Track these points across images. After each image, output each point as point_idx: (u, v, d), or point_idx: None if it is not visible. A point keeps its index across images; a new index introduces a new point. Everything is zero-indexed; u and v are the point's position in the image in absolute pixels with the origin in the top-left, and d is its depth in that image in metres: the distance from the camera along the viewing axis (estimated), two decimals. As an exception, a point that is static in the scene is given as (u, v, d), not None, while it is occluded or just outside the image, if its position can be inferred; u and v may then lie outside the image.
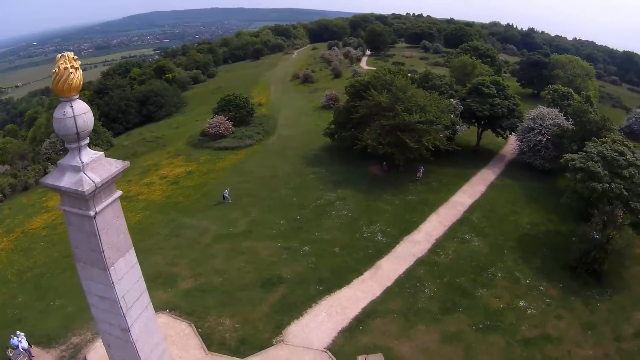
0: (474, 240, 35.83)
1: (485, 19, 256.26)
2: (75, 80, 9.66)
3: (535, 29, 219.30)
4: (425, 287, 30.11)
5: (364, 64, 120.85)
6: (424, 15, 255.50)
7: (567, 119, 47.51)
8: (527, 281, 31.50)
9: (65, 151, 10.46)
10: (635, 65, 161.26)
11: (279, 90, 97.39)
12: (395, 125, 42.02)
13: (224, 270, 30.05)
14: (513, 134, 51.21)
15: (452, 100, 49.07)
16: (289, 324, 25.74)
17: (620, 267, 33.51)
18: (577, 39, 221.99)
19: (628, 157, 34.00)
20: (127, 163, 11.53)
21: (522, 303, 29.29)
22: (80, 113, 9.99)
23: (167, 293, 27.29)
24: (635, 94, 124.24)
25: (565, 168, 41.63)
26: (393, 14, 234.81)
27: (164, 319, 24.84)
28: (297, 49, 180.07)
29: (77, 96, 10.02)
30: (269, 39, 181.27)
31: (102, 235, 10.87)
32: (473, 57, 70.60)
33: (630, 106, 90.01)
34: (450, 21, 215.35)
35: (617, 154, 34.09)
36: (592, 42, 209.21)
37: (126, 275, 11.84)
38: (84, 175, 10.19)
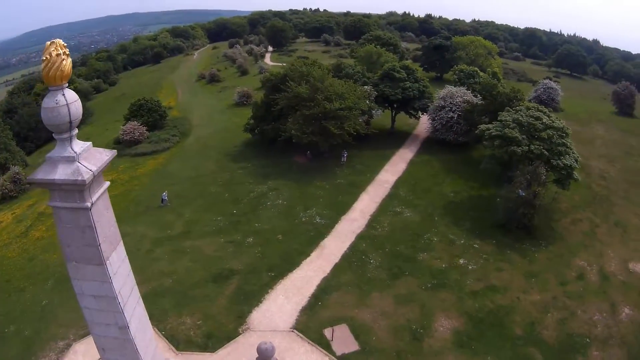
0: (405, 212, 38.01)
1: (382, 10, 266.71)
2: (67, 67, 9.29)
3: (433, 15, 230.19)
4: (370, 258, 31.58)
5: (268, 60, 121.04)
6: (321, 9, 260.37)
7: (476, 96, 51.55)
8: (462, 241, 34.20)
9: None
10: (538, 40, 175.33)
11: (187, 91, 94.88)
12: (318, 114, 43.16)
13: (171, 272, 29.24)
14: (425, 114, 54.53)
15: (365, 87, 51.09)
16: (250, 312, 25.78)
17: (550, 220, 37.56)
18: (477, 20, 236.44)
19: (544, 120, 37.68)
20: (114, 151, 11.17)
21: (461, 261, 31.85)
22: (72, 101, 9.59)
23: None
24: (540, 67, 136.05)
25: (479, 139, 45.46)
26: (291, 10, 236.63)
27: (124, 328, 23.88)
28: (198, 49, 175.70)
29: (67, 84, 9.63)
30: (168, 41, 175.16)
31: (97, 227, 10.47)
32: (377, 47, 73.55)
33: (536, 79, 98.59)
34: (348, 14, 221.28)
35: (533, 119, 37.61)
36: (492, 22, 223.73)
37: (119, 269, 11.44)
38: (80, 164, 9.74)
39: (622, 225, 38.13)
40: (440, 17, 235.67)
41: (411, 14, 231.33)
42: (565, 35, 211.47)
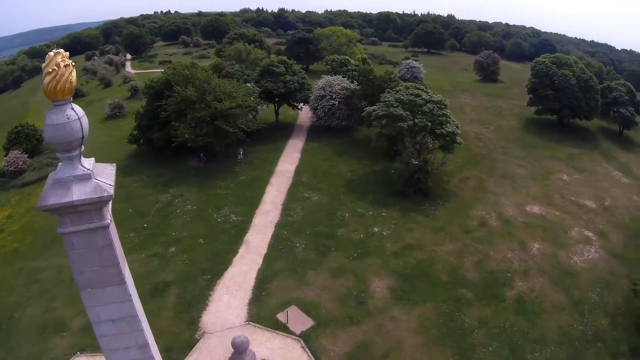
0: (313, 196, 39.31)
1: (234, 8, 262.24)
2: (74, 78, 8.32)
3: (286, 9, 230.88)
4: (295, 243, 32.41)
5: (129, 68, 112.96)
6: (172, 11, 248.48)
7: (352, 82, 54.27)
8: (370, 213, 36.56)
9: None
10: (393, 23, 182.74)
11: None
12: (210, 115, 42.25)
13: (104, 296, 26.86)
14: (306, 104, 56.13)
15: (248, 84, 50.99)
16: (199, 317, 25.04)
17: (442, 182, 41.80)
18: (329, 10, 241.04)
19: (424, 96, 41.22)
20: (114, 164, 10.23)
21: (375, 229, 34.17)
22: (82, 114, 8.65)
23: (64, 338, 23.43)
24: (397, 49, 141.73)
25: (362, 122, 48.32)
26: (142, 15, 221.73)
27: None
28: None
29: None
30: (26, 63, 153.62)
31: (115, 244, 9.59)
32: (245, 44, 73.05)
33: (396, 60, 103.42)
34: (201, 14, 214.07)
35: (413, 96, 40.92)
36: (345, 10, 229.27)
37: (131, 284, 10.57)
38: (98, 181, 8.81)
39: (509, 177, 44.14)
40: (293, 11, 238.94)
41: (265, 10, 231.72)
42: (419, 15, 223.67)
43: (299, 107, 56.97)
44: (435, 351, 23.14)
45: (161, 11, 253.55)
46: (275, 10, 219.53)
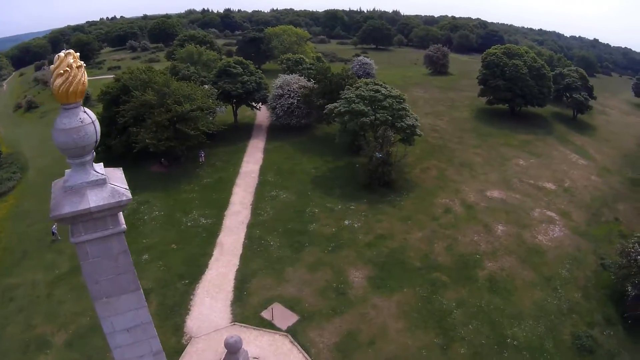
0: (280, 195, 39.28)
1: (179, 9, 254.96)
2: (86, 80, 7.94)
3: (232, 9, 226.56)
4: (269, 241, 32.37)
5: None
6: (118, 17, 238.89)
7: (309, 80, 54.28)
8: (339, 207, 36.98)
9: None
10: (340, 21, 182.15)
11: (8, 124, 79.77)
12: (171, 119, 41.29)
13: (83, 309, 25.64)
14: (264, 104, 55.81)
15: (205, 86, 50.09)
16: (184, 322, 24.65)
17: (404, 174, 42.62)
18: (276, 9, 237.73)
19: (383, 91, 41.83)
20: (120, 168, 9.85)
21: (346, 222, 34.68)
22: (95, 117, 8.27)
23: (49, 355, 22.36)
24: (346, 46, 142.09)
25: (321, 119, 48.55)
26: (88, 22, 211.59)
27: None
28: (4, 79, 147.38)
29: (81, 101, 8.23)
30: None
31: (128, 251, 9.26)
32: (197, 46, 71.50)
33: (346, 57, 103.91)
34: (146, 17, 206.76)
35: (373, 92, 41.49)
36: (292, 9, 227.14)
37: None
38: (113, 185, 8.46)
39: (467, 165, 45.69)
40: (239, 11, 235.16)
41: (210, 10, 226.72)
42: (365, 11, 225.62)
43: (258, 107, 56.55)
44: (418, 333, 23.86)
45: (107, 17, 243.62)
46: (221, 10, 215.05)
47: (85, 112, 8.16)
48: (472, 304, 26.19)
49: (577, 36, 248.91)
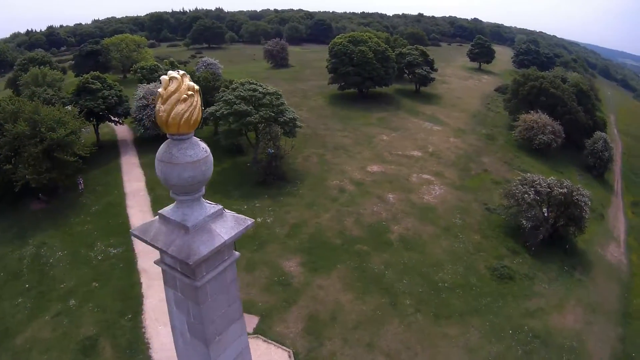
0: (182, 207, 37.64)
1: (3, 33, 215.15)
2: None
3: (54, 25, 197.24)
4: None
5: None
6: None
7: None
8: (245, 207, 37.36)
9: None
10: (166, 23, 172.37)
11: None
12: (47, 148, 36.59)
13: None
14: (126, 117, 52.07)
15: (67, 107, 44.77)
16: (150, 357, 23.23)
17: (290, 165, 44.27)
18: (98, 19, 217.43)
19: (260, 90, 42.44)
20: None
21: (259, 220, 35.51)
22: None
23: None
24: (178, 48, 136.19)
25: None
26: None
27: None
28: None
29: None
30: None
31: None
32: (40, 67, 62.72)
33: (184, 60, 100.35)
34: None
35: (251, 92, 41.76)
36: (114, 17, 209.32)
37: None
38: (228, 212, 8.14)
39: (341, 148, 49.14)
40: (62, 26, 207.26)
41: (33, 30, 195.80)
42: (189, 11, 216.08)
43: (121, 122, 52.50)
44: (367, 299, 26.43)
45: None
46: (44, 29, 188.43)
47: (199, 142, 7.14)
48: (396, 263, 29.68)
49: (401, 14, 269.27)
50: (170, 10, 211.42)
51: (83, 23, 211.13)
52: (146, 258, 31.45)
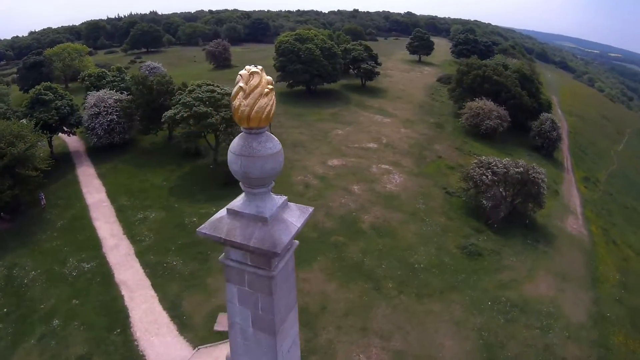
0: (149, 216, 37.32)
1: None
2: None
3: (20, 36, 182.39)
4: (171, 262, 31.29)
5: None
6: None
7: (121, 93, 49.96)
8: (214, 209, 35.24)
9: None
10: (103, 30, 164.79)
11: None
12: (8, 164, 35.04)
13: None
14: (78, 127, 49.78)
15: (23, 120, 42.16)
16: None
17: None
18: (35, 30, 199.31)
19: (219, 90, 42.40)
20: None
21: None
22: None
23: None
24: (117, 55, 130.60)
25: (145, 130, 46.35)
26: None
27: None
28: None
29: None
30: None
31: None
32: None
33: (124, 66, 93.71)
34: None
35: (210, 93, 41.31)
36: (49, 27, 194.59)
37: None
38: (291, 203, 8.42)
39: (299, 144, 49.78)
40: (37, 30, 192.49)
41: None
42: (124, 17, 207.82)
43: (73, 132, 50.16)
44: (351, 286, 27.63)
45: None
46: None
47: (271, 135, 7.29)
48: (372, 250, 31.07)
49: (337, 10, 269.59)
50: (105, 17, 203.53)
51: (20, 35, 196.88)
52: (123, 270, 30.86)
